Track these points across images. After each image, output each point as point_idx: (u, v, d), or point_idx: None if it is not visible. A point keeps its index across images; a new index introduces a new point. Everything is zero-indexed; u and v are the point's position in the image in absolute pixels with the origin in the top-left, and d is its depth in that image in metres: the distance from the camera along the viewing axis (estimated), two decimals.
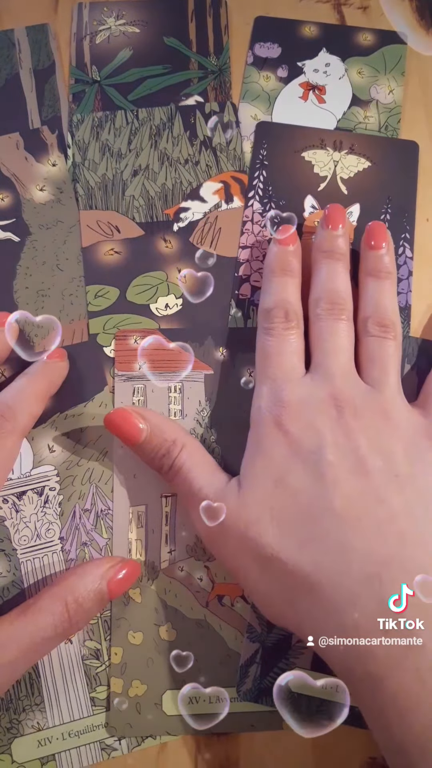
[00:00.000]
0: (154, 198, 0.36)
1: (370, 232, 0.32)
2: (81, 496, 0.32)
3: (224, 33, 0.39)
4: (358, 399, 0.29)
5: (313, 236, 0.34)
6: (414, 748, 0.23)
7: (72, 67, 0.38)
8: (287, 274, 0.31)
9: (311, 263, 0.32)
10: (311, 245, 0.33)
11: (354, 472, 0.27)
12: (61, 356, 0.32)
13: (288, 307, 0.31)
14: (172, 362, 0.32)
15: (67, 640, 0.30)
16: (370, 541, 0.25)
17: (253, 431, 0.30)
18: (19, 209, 0.36)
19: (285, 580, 0.26)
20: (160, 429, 0.29)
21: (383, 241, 0.32)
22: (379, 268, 0.32)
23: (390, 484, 0.27)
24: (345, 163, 0.36)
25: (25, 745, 0.29)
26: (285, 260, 0.32)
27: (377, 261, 0.32)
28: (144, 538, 0.31)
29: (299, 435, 0.28)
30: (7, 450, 0.30)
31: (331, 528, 0.26)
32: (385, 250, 0.32)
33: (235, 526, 0.27)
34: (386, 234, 0.32)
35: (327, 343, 0.30)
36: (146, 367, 0.32)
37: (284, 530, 0.26)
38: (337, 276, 0.31)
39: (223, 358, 0.33)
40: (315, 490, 0.27)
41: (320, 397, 0.29)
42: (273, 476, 0.28)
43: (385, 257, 0.32)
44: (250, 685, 0.30)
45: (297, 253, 0.32)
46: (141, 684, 0.30)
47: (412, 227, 0.35)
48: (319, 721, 0.29)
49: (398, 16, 0.39)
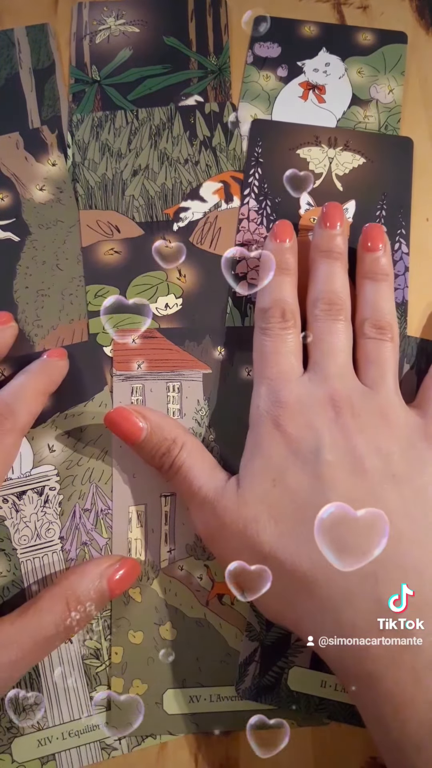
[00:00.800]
0: (153, 198, 0.36)
1: (367, 234, 0.32)
2: (81, 495, 0.32)
3: (224, 33, 0.39)
4: (356, 399, 0.29)
5: (310, 234, 0.34)
6: (409, 746, 0.23)
7: (72, 66, 0.38)
8: (283, 272, 0.31)
9: (308, 261, 0.32)
10: (308, 243, 0.33)
11: (351, 472, 0.27)
12: (61, 355, 0.32)
13: (285, 307, 0.31)
14: (170, 361, 0.32)
15: (67, 639, 0.30)
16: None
17: (252, 431, 0.30)
18: (18, 209, 0.36)
19: (283, 579, 0.26)
20: (161, 427, 0.29)
21: (380, 243, 0.32)
22: (375, 271, 0.32)
23: (387, 484, 0.27)
24: (340, 160, 0.36)
25: (25, 745, 0.29)
26: (281, 257, 0.32)
27: (374, 263, 0.32)
28: (143, 537, 0.31)
29: (297, 435, 0.28)
30: (7, 448, 0.30)
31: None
32: (382, 252, 0.32)
33: (233, 525, 0.27)
34: (383, 236, 0.32)
35: (325, 344, 0.30)
36: (144, 366, 0.32)
37: (282, 529, 0.26)
38: (335, 276, 0.31)
39: (221, 357, 0.33)
40: (313, 490, 0.27)
41: (318, 397, 0.29)
42: (271, 475, 0.28)
43: (382, 259, 0.32)
44: (249, 683, 0.30)
45: (293, 250, 0.32)
46: (141, 683, 0.30)
47: (408, 223, 0.35)
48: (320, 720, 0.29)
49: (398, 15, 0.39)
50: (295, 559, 0.26)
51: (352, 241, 0.33)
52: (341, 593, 0.25)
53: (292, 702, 0.29)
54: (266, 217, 0.35)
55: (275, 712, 0.29)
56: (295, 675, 0.30)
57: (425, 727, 0.23)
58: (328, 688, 0.29)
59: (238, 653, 0.30)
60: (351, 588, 0.25)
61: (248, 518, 0.27)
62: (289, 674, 0.30)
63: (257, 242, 0.35)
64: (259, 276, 0.32)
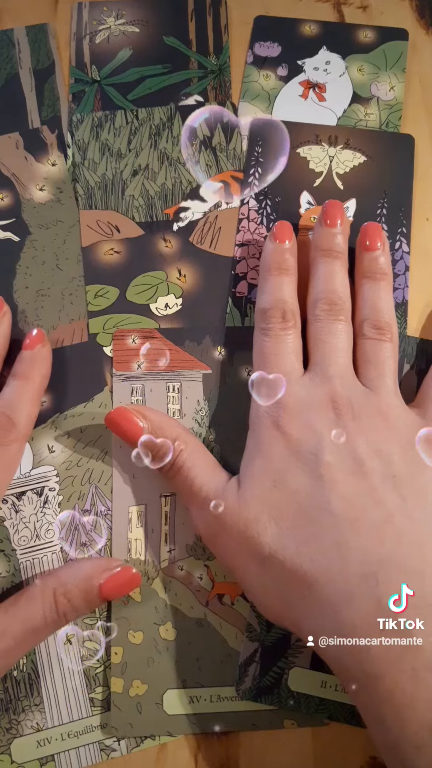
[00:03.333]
0: (153, 198, 0.36)
1: (365, 232, 0.32)
2: (81, 496, 0.32)
3: (224, 32, 0.39)
4: (356, 401, 0.29)
5: (309, 232, 0.33)
6: (409, 747, 0.23)
7: (72, 66, 0.38)
8: (283, 272, 0.31)
9: (308, 261, 0.32)
10: (308, 242, 0.33)
11: (352, 473, 0.27)
12: (41, 339, 0.32)
13: (285, 307, 0.31)
14: (171, 361, 0.32)
15: (66, 641, 0.30)
16: (366, 541, 0.25)
17: (253, 431, 0.30)
18: (18, 209, 0.36)
19: (283, 579, 0.26)
20: (161, 428, 0.29)
21: (378, 242, 0.32)
22: (374, 270, 0.31)
23: (387, 485, 0.27)
24: (340, 158, 0.36)
25: (25, 746, 0.29)
26: (281, 258, 0.31)
27: (372, 262, 0.32)
28: (144, 537, 0.31)
29: (298, 436, 0.28)
30: (12, 456, 0.30)
31: (329, 528, 0.26)
32: (381, 251, 0.32)
33: (234, 525, 0.27)
34: (382, 234, 0.32)
35: (325, 344, 0.30)
36: (144, 367, 0.32)
37: (283, 529, 0.27)
38: (336, 276, 0.31)
39: (221, 357, 0.33)
40: (313, 491, 0.27)
41: (318, 398, 0.29)
42: (272, 476, 0.28)
43: (381, 258, 0.32)
44: (249, 684, 0.30)
45: (293, 250, 0.32)
46: (141, 684, 0.30)
47: (409, 221, 0.35)
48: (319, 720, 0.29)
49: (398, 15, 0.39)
50: (295, 560, 0.26)
51: (352, 238, 0.33)
52: (342, 593, 0.25)
53: (293, 702, 0.29)
54: (266, 217, 0.35)
55: (276, 713, 0.29)
56: (296, 675, 0.30)
57: (425, 728, 0.23)
58: (328, 688, 0.29)
59: (238, 653, 0.30)
60: (351, 588, 0.25)
61: (249, 519, 0.27)
62: (289, 675, 0.30)
63: (257, 242, 0.35)
64: (259, 277, 0.32)
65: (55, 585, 0.28)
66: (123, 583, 0.28)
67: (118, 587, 0.28)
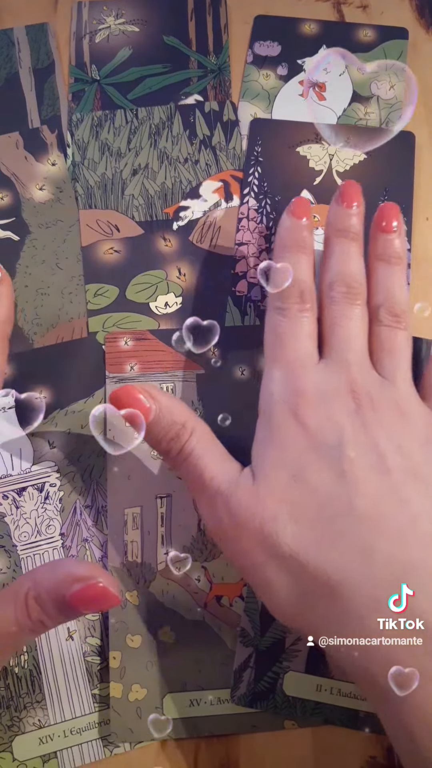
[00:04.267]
0: (153, 197, 0.36)
1: (382, 212, 0.30)
2: (81, 492, 0.31)
3: (224, 32, 0.39)
4: (374, 391, 0.27)
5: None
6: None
7: (71, 66, 0.38)
8: (301, 250, 0.30)
9: (323, 241, 0.31)
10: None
11: (375, 470, 0.26)
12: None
13: (303, 287, 0.29)
14: (163, 362, 0.32)
15: (68, 636, 0.30)
16: (393, 545, 0.24)
17: (266, 419, 0.28)
18: (18, 208, 0.36)
19: (302, 581, 0.25)
20: (170, 410, 0.27)
21: (394, 222, 0.30)
22: (389, 253, 0.30)
23: (410, 484, 0.26)
24: (340, 156, 0.36)
25: (27, 743, 0.29)
26: (299, 235, 0.30)
27: (388, 245, 0.30)
28: (140, 539, 0.31)
29: (318, 428, 0.26)
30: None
31: (353, 529, 0.25)
32: (397, 234, 0.30)
33: (249, 522, 0.26)
34: (399, 216, 0.30)
35: (342, 329, 0.29)
36: (137, 368, 0.31)
37: (303, 529, 0.25)
38: (351, 258, 0.30)
39: (215, 357, 0.33)
40: (335, 488, 0.25)
41: (337, 387, 0.27)
42: (290, 470, 0.26)
43: (396, 241, 0.30)
44: (245, 689, 0.29)
45: (311, 227, 0.30)
46: (141, 688, 0.29)
47: (410, 218, 0.35)
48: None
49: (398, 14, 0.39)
50: (318, 563, 0.24)
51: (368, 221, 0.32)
52: (367, 600, 0.24)
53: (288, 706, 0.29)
54: (266, 216, 0.35)
55: (272, 717, 0.29)
56: (291, 680, 0.29)
57: None
58: (323, 692, 0.29)
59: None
60: (378, 594, 0.24)
61: (266, 516, 0.25)
62: (284, 679, 0.29)
63: (257, 241, 0.35)
64: (273, 253, 0.31)
65: (29, 587, 0.24)
66: (93, 598, 0.23)
67: (88, 602, 0.23)
